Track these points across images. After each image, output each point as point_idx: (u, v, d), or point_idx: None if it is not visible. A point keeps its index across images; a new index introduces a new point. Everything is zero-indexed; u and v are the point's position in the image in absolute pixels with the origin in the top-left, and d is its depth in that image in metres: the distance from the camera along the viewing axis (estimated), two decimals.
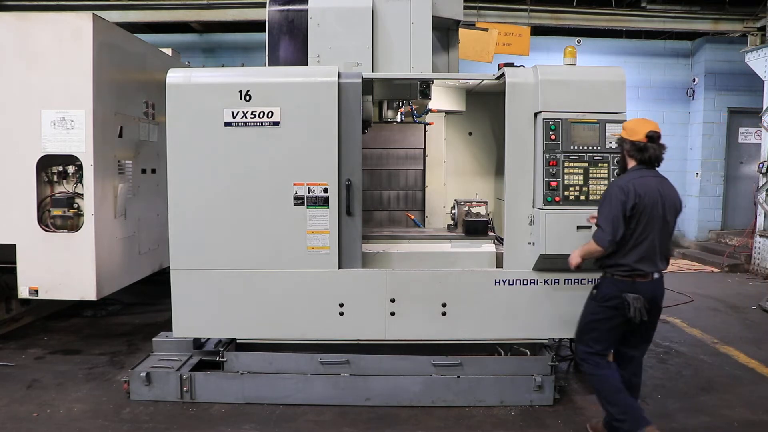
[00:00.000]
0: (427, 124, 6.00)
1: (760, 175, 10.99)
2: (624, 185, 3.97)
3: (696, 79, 13.26)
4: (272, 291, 4.89)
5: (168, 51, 8.18)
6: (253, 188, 4.81)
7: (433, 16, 5.34)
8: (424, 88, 5.29)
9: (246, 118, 4.75)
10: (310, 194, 4.79)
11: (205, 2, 10.86)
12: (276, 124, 4.75)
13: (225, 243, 4.86)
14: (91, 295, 5.91)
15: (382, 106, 5.57)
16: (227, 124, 4.77)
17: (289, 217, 4.81)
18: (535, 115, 4.75)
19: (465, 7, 11.00)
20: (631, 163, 4.11)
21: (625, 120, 4.65)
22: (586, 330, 4.22)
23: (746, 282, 10.40)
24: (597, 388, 4.18)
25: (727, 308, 8.48)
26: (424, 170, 6.10)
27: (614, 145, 4.57)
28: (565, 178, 4.62)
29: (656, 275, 4.06)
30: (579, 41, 12.84)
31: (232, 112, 4.76)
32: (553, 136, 4.63)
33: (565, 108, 4.66)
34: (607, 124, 4.63)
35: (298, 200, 4.79)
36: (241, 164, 4.80)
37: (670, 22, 11.77)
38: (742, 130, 13.30)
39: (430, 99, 5.36)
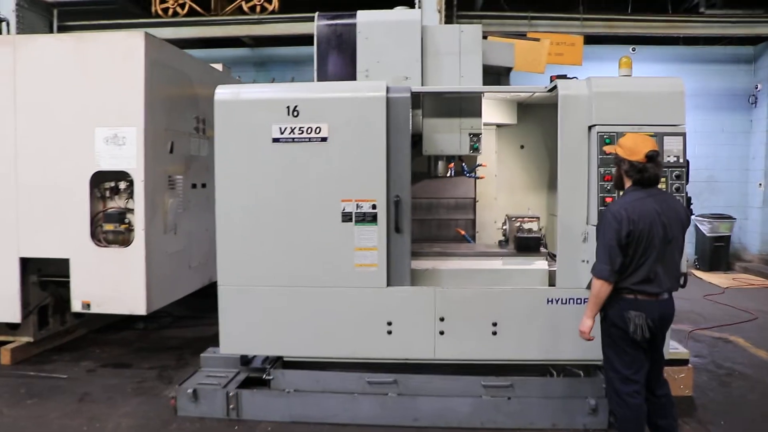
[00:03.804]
0: (478, 178, 5.85)
1: None
2: (617, 212, 3.78)
3: (759, 86, 12.72)
4: (319, 308, 4.84)
5: (219, 66, 8.25)
6: (301, 204, 4.77)
7: (483, 65, 5.27)
8: (475, 142, 5.18)
9: (294, 134, 4.72)
10: (358, 210, 4.72)
11: (255, 17, 10.97)
12: (324, 140, 4.71)
13: (272, 259, 4.83)
14: (140, 310, 5.96)
15: (431, 162, 5.52)
16: (275, 140, 4.75)
17: (336, 234, 4.75)
18: (589, 128, 4.59)
19: (516, 17, 11.10)
20: (628, 183, 3.93)
21: (684, 133, 4.47)
22: (608, 356, 4.01)
23: None
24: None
25: None
26: (474, 220, 5.95)
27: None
28: (620, 193, 4.43)
29: (665, 295, 3.86)
30: (634, 49, 12.49)
31: (280, 128, 4.73)
32: (607, 150, 4.46)
33: (620, 121, 4.48)
34: (665, 137, 4.44)
35: (346, 217, 4.73)
36: (288, 180, 4.77)
37: (731, 27, 11.32)
38: None
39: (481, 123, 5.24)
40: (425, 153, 5.24)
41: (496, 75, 5.60)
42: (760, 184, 12.66)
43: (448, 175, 5.55)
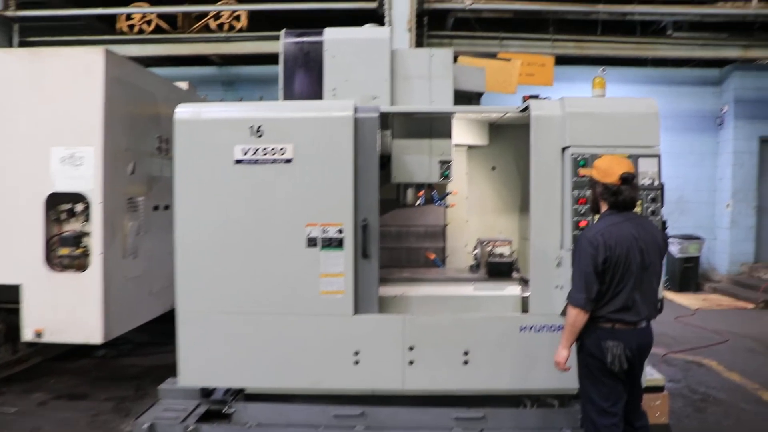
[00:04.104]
0: (449, 206, 5.71)
1: None
2: (593, 238, 3.66)
3: (725, 108, 12.89)
4: (283, 338, 4.61)
5: (184, 84, 8.04)
6: (265, 228, 4.57)
7: (455, 89, 5.15)
8: (445, 169, 5.03)
9: (257, 155, 4.53)
10: (324, 235, 4.52)
11: (223, 35, 10.82)
12: (288, 161, 4.52)
13: (234, 286, 4.61)
14: (96, 338, 5.69)
15: (400, 189, 5.35)
16: (238, 161, 4.55)
17: (301, 260, 4.54)
18: (563, 149, 4.47)
19: (487, 38, 11.07)
20: (604, 207, 3.82)
21: (659, 155, 4.38)
22: (585, 387, 3.86)
23: None
24: None
25: (766, 349, 8.03)
26: (444, 248, 5.80)
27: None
28: (596, 217, 4.30)
29: (643, 323, 3.73)
30: (603, 70, 12.45)
31: (243, 149, 4.53)
32: (581, 173, 4.34)
33: (594, 142, 4.37)
34: (640, 159, 4.33)
35: (312, 242, 4.53)
36: (251, 203, 4.57)
37: (698, 50, 11.47)
38: None
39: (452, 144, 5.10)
40: (394, 181, 5.07)
41: (467, 99, 5.47)
42: (728, 205, 12.78)
43: (418, 203, 5.37)
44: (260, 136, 4.51)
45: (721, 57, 11.73)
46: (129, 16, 10.97)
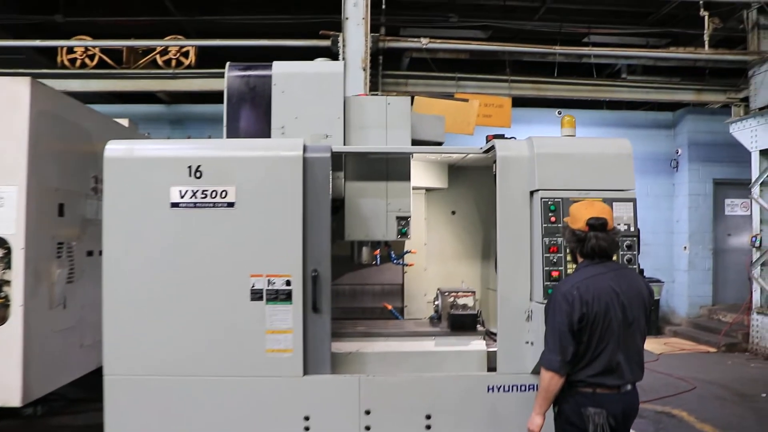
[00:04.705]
0: (407, 264, 5.36)
1: (753, 249, 10.53)
2: (567, 292, 3.30)
3: (679, 150, 12.97)
4: (225, 402, 4.10)
5: (125, 121, 7.55)
6: (203, 280, 4.09)
7: (413, 139, 4.83)
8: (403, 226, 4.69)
9: (196, 198, 4.07)
10: (270, 287, 4.06)
11: (170, 72, 10.36)
12: (230, 205, 4.07)
13: (169, 344, 4.10)
14: (15, 401, 5.09)
15: (354, 247, 4.96)
16: (174, 204, 4.08)
17: (245, 315, 4.07)
18: (531, 193, 4.14)
19: (443, 78, 10.87)
20: (580, 258, 3.48)
21: (634, 198, 4.09)
22: None
23: (747, 364, 9.76)
24: None
25: (735, 396, 7.80)
26: (403, 307, 5.44)
27: (623, 227, 3.97)
28: (569, 266, 3.96)
29: (628, 387, 3.36)
30: (559, 112, 12.50)
31: (180, 191, 4.08)
32: (553, 218, 4.00)
33: (565, 185, 4.05)
34: (614, 203, 4.00)
35: (256, 294, 4.06)
36: (189, 251, 4.10)
37: (654, 93, 11.52)
38: (728, 201, 12.98)
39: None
40: (347, 238, 4.67)
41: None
42: (685, 247, 12.74)
43: (374, 263, 4.97)
44: (199, 177, 4.07)
45: (676, 100, 11.79)
46: (71, 50, 10.43)
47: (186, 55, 10.41)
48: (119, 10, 11.38)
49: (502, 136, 4.39)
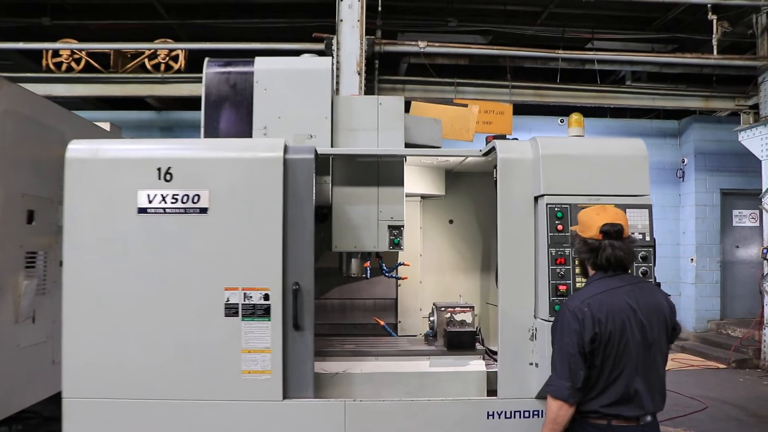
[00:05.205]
0: (401, 278, 5.00)
1: (764, 262, 10.15)
2: (577, 309, 2.90)
3: (685, 160, 12.62)
4: (196, 429, 3.70)
5: (106, 125, 7.18)
6: (173, 293, 3.70)
7: (406, 143, 4.52)
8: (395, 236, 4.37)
9: (165, 203, 3.69)
10: (247, 302, 3.67)
11: (159, 76, 10.03)
12: (203, 210, 3.69)
13: (134, 364, 3.70)
14: None
15: (343, 259, 4.62)
16: (141, 210, 3.70)
17: (218, 332, 3.68)
18: (536, 199, 3.75)
19: (442, 83, 10.51)
20: (591, 270, 3.10)
21: (650, 205, 3.69)
22: None
23: (760, 381, 9.36)
24: None
25: (750, 417, 7.41)
26: (396, 323, 5.09)
27: (638, 236, 3.58)
28: (578, 280, 3.57)
29: (648, 418, 2.94)
30: (562, 121, 12.17)
31: (149, 196, 3.70)
32: (560, 227, 3.61)
33: (573, 190, 3.64)
34: (628, 210, 3.59)
35: (231, 309, 3.67)
36: (158, 261, 3.71)
37: (660, 99, 11.18)
38: (736, 212, 12.61)
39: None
40: (335, 249, 4.34)
41: None
42: (692, 260, 12.37)
43: (364, 275, 4.60)
44: (169, 180, 3.69)
45: (684, 107, 11.49)
46: (57, 53, 10.10)
47: (176, 59, 10.09)
48: (109, 14, 11.07)
49: (503, 137, 4.01)
